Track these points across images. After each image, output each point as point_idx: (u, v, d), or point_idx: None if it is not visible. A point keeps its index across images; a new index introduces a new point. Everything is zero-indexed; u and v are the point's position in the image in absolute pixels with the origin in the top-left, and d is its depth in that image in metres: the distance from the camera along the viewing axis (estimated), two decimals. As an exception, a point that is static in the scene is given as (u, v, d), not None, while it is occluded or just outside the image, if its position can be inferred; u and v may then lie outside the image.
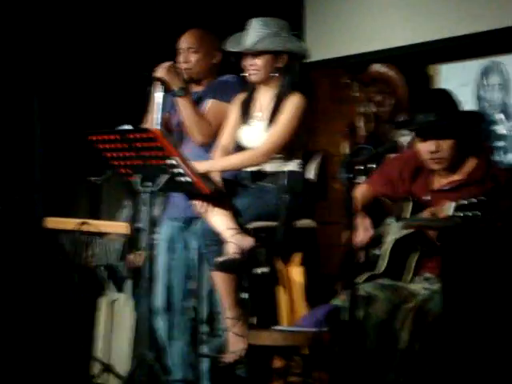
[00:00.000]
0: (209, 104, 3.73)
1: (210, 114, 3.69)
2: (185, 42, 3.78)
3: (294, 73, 3.56)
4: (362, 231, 3.18)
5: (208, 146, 3.71)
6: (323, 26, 4.47)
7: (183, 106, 3.64)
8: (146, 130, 3.30)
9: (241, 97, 3.66)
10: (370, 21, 4.27)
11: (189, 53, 3.76)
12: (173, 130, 3.81)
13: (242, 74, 3.62)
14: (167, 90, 3.62)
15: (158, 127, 3.55)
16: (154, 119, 3.64)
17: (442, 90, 3.35)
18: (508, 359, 2.52)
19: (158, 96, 3.59)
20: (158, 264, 3.83)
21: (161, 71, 3.60)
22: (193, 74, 3.77)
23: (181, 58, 3.76)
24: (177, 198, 3.75)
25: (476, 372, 2.57)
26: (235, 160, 3.54)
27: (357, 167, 2.86)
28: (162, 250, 3.83)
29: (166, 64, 3.62)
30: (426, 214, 2.99)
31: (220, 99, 3.71)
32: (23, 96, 4.65)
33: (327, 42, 4.46)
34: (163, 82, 3.59)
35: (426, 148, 3.06)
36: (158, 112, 3.60)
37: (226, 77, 3.80)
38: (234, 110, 3.66)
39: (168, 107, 3.77)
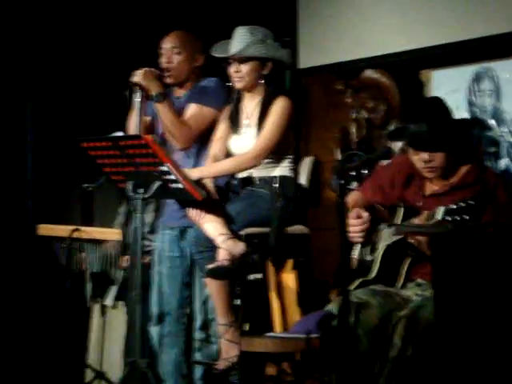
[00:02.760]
0: (190, 108, 3.70)
1: (191, 119, 3.66)
2: (168, 42, 3.74)
3: (279, 80, 3.57)
4: (358, 222, 3.14)
5: (189, 151, 3.69)
6: (316, 33, 4.47)
7: (162, 112, 3.62)
8: (138, 137, 3.30)
9: (228, 108, 3.66)
10: (363, 27, 4.28)
11: (172, 53, 3.72)
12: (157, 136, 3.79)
13: (227, 84, 3.62)
14: (147, 96, 3.61)
15: (137, 132, 3.54)
16: (133, 124, 3.63)
17: (434, 98, 3.35)
18: (500, 366, 2.52)
19: (136, 101, 3.58)
20: (153, 272, 3.82)
21: (138, 76, 3.58)
22: (174, 76, 3.73)
23: (163, 59, 3.73)
24: (172, 208, 3.75)
25: (468, 379, 2.56)
26: (226, 165, 3.54)
27: (349, 173, 2.86)
28: (157, 258, 3.82)
29: (144, 69, 3.60)
30: (417, 220, 2.99)
31: (201, 103, 3.67)
32: (15, 103, 4.65)
33: (320, 49, 4.46)
34: (141, 87, 3.58)
35: (419, 157, 3.07)
36: (136, 117, 3.59)
37: (207, 80, 3.75)
38: (222, 120, 3.65)
39: (151, 112, 3.76)
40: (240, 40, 3.52)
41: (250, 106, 3.61)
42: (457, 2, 3.93)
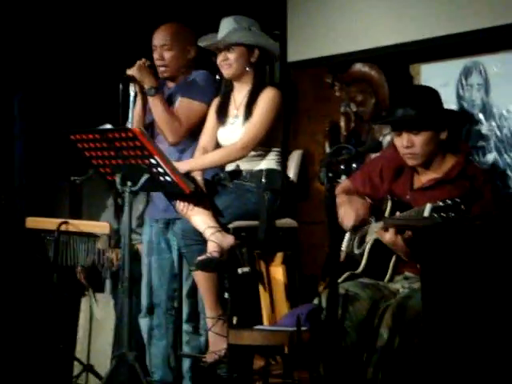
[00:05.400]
0: (179, 102, 3.69)
1: (180, 112, 3.65)
2: (158, 39, 3.72)
3: (266, 69, 3.56)
4: (352, 211, 3.13)
5: (179, 144, 3.69)
6: (306, 26, 4.47)
7: (154, 105, 3.61)
8: (126, 130, 3.29)
9: (217, 99, 3.65)
10: (353, 21, 4.27)
11: (163, 50, 3.71)
12: (146, 128, 3.78)
13: (217, 77, 3.61)
14: (140, 89, 3.61)
15: (130, 125, 3.54)
16: (130, 117, 3.62)
17: (424, 86, 3.36)
18: (489, 357, 2.54)
19: (130, 94, 3.58)
20: (142, 264, 3.82)
21: (132, 69, 3.58)
22: (168, 72, 3.73)
23: (155, 55, 3.72)
24: (157, 200, 3.74)
25: (455, 369, 2.58)
26: (215, 157, 3.54)
27: (338, 166, 2.86)
28: (145, 251, 3.82)
29: (139, 62, 3.59)
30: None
31: (190, 97, 3.66)
32: (3, 96, 4.63)
33: (310, 42, 4.45)
34: (135, 80, 3.57)
35: (399, 143, 3.09)
36: (129, 110, 3.58)
37: (198, 74, 3.74)
38: (211, 112, 3.65)
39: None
40: (225, 28, 3.52)
41: (239, 95, 3.60)
42: (446, -5, 3.94)
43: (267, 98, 3.49)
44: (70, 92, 4.80)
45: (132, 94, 3.58)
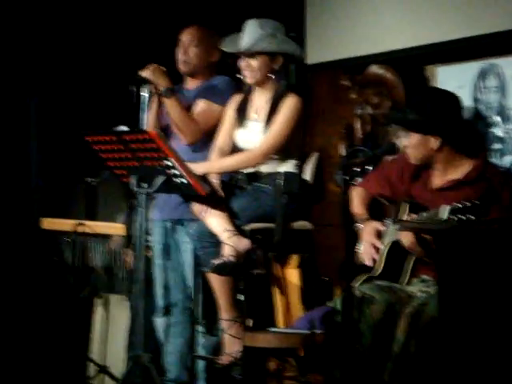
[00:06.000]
0: (200, 104, 3.73)
1: (200, 115, 3.69)
2: (187, 35, 3.80)
3: (290, 74, 3.56)
4: (368, 247, 3.14)
5: (194, 145, 3.70)
6: (323, 29, 4.47)
7: (170, 107, 3.64)
8: (142, 132, 3.30)
9: (236, 99, 3.66)
10: (369, 24, 4.27)
11: (189, 46, 3.77)
12: (162, 128, 3.80)
13: (237, 76, 3.62)
14: (155, 91, 3.63)
15: (144, 127, 3.56)
16: (146, 119, 3.64)
17: (433, 90, 3.36)
18: (504, 363, 2.52)
19: (145, 96, 3.60)
20: (154, 265, 3.83)
21: (146, 71, 3.60)
22: (189, 68, 3.78)
23: (180, 50, 3.79)
24: (162, 200, 3.76)
25: (470, 375, 2.56)
26: (232, 161, 3.54)
27: (353, 169, 2.86)
28: (157, 251, 3.83)
29: (153, 65, 3.62)
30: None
31: (211, 100, 3.70)
32: (20, 97, 4.65)
33: (327, 45, 4.45)
34: (150, 83, 3.59)
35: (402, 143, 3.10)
36: (142, 112, 3.60)
37: (218, 78, 3.79)
38: (229, 111, 3.65)
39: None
40: (250, 34, 3.51)
41: (260, 100, 3.60)
42: (462, -2, 3.92)
43: (288, 106, 3.49)
44: (86, 94, 4.81)
45: (146, 95, 3.60)
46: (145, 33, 4.69)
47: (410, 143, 3.07)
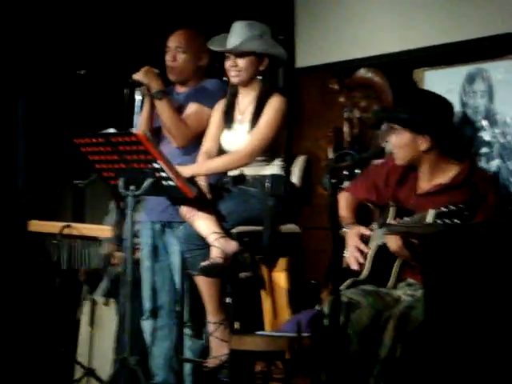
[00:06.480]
0: (191, 107, 3.73)
1: (191, 118, 3.69)
2: (174, 41, 3.78)
3: (278, 77, 3.57)
4: (354, 251, 3.14)
5: (185, 148, 3.70)
6: (313, 33, 4.48)
7: (162, 109, 3.64)
8: (130, 134, 3.29)
9: (222, 102, 3.66)
10: (358, 28, 4.28)
11: (177, 52, 3.76)
12: (153, 130, 3.80)
13: (224, 78, 3.63)
14: (148, 93, 3.63)
15: (136, 129, 3.56)
16: (138, 121, 3.64)
17: (426, 92, 3.37)
18: (490, 366, 2.53)
19: (136, 99, 3.60)
20: (142, 267, 3.83)
21: (139, 74, 3.60)
22: (178, 74, 3.77)
23: (168, 57, 3.77)
24: (151, 202, 3.75)
25: (457, 379, 2.57)
26: (219, 163, 3.54)
27: (341, 172, 2.86)
28: (145, 254, 3.82)
29: (145, 67, 3.62)
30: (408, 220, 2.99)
31: (203, 104, 3.70)
32: (7, 99, 4.64)
33: (316, 48, 4.46)
34: (141, 85, 3.59)
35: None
36: (136, 115, 3.60)
37: (210, 82, 3.80)
38: (215, 115, 3.66)
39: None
40: (238, 35, 3.52)
41: (244, 102, 3.60)
42: (451, 3, 3.93)
43: (274, 106, 3.50)
44: (74, 96, 4.80)
45: (139, 98, 3.60)
46: (137, 34, 4.69)
47: (398, 142, 3.07)
